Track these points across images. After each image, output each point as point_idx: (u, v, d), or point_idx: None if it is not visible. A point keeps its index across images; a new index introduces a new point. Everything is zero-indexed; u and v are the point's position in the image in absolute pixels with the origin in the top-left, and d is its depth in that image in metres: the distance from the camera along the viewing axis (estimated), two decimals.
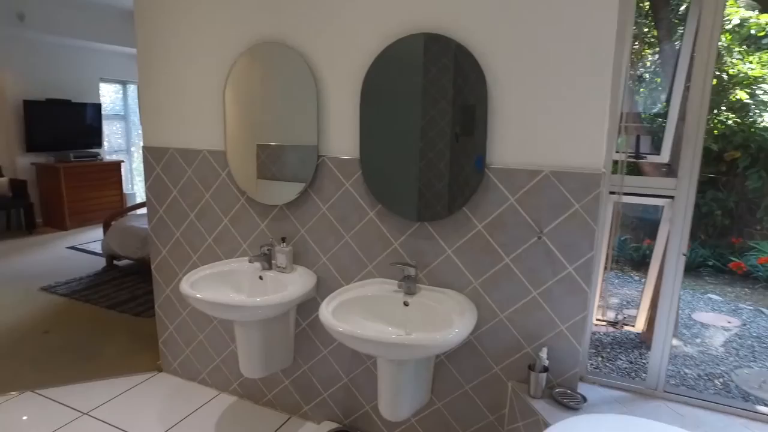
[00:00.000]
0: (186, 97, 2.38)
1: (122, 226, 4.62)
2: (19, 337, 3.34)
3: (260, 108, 2.18)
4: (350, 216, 2.10)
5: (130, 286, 4.30)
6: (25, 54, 6.30)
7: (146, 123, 2.53)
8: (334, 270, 2.19)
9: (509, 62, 1.74)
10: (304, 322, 2.32)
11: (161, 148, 2.50)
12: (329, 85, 2.05)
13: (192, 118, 2.39)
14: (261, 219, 2.30)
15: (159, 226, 2.61)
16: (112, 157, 7.47)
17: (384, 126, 1.95)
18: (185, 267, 2.58)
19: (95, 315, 3.73)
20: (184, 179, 2.46)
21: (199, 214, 2.46)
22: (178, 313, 2.69)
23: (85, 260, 5.11)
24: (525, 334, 1.88)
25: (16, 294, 4.15)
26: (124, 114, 7.90)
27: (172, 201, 2.53)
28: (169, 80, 2.41)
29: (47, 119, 6.49)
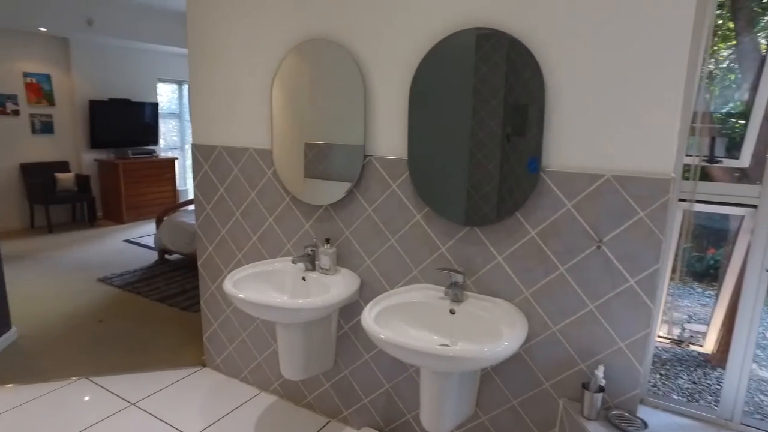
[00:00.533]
0: (234, 96, 2.39)
1: (173, 222, 4.75)
2: (76, 325, 3.48)
3: (307, 106, 2.15)
4: (396, 218, 2.03)
5: (179, 280, 4.42)
6: (92, 57, 6.62)
7: (195, 121, 2.56)
8: (378, 273, 2.12)
9: (570, 57, 1.62)
10: (347, 325, 2.27)
11: (209, 146, 2.52)
12: (377, 83, 1.98)
13: (239, 116, 2.39)
14: (305, 219, 2.27)
15: (206, 224, 2.64)
16: (167, 155, 7.74)
17: (433, 126, 1.87)
18: (230, 265, 2.59)
19: (146, 307, 3.84)
20: (230, 177, 2.47)
21: (245, 212, 2.46)
22: (222, 310, 2.71)
23: (139, 253, 5.30)
24: (579, 349, 1.75)
25: (77, 283, 4.34)
26: (179, 113, 8.17)
27: (218, 199, 2.55)
28: (218, 79, 2.42)
29: (109, 118, 6.79)
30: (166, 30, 6.76)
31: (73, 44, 6.43)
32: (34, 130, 6.31)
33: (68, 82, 6.53)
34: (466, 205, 1.86)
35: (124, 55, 7.00)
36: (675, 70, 1.48)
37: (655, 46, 1.49)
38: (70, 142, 6.67)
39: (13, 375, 2.83)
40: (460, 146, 1.83)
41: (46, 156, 6.45)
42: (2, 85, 5.97)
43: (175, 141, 8.15)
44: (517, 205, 1.77)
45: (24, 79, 6.13)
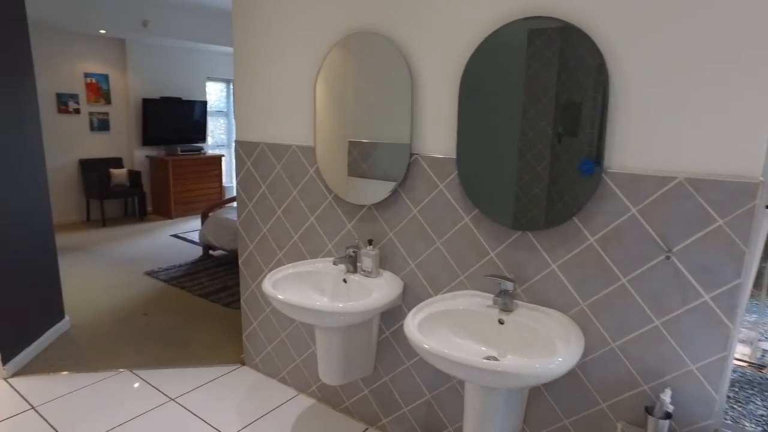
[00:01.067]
0: (277, 92, 2.34)
1: (218, 218, 4.81)
2: (123, 317, 3.56)
3: (351, 103, 2.08)
4: (443, 220, 1.93)
5: (222, 276, 4.46)
6: (146, 57, 6.84)
7: (239, 118, 2.54)
8: (422, 278, 2.03)
9: (640, 47, 1.47)
10: (388, 330, 2.18)
11: (252, 142, 2.49)
12: (425, 79, 1.88)
13: (282, 112, 2.34)
14: (348, 219, 2.20)
15: (247, 221, 2.62)
16: (214, 152, 7.90)
17: (485, 123, 1.75)
18: (270, 263, 2.55)
19: (189, 302, 3.89)
20: (272, 175, 2.43)
21: (286, 210, 2.42)
22: (262, 309, 2.68)
23: (185, 248, 5.40)
24: (642, 369, 1.59)
25: (126, 276, 4.46)
26: (227, 110, 8.33)
27: (260, 196, 2.51)
28: (262, 75, 2.39)
29: (160, 116, 6.99)
30: (215, 29, 6.89)
31: (129, 45, 6.66)
32: (92, 128, 6.57)
33: (124, 81, 6.76)
34: (518, 208, 1.73)
35: (176, 55, 7.19)
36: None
37: (746, 28, 1.32)
38: (124, 139, 6.91)
39: (66, 363, 2.90)
40: (513, 145, 1.71)
41: (102, 152, 6.70)
42: (65, 85, 6.24)
43: (222, 138, 8.31)
44: (574, 209, 1.63)
45: (85, 79, 6.39)
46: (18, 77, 2.92)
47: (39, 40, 5.93)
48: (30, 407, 2.49)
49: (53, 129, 6.22)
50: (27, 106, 3.00)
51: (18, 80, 2.92)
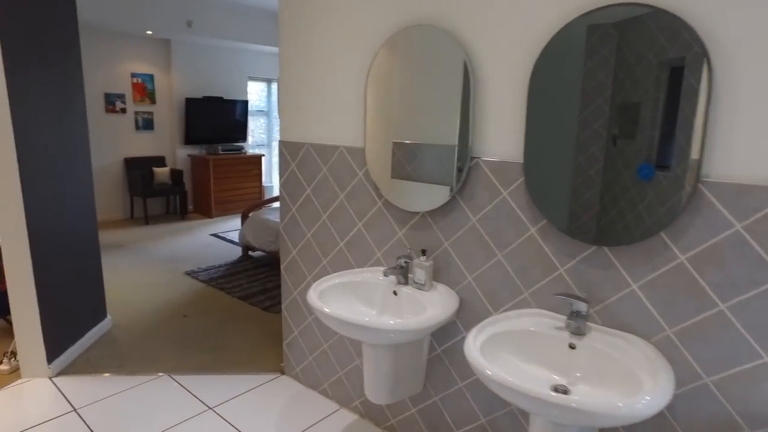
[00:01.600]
0: (325, 89, 2.22)
1: (257, 219, 4.75)
2: (163, 318, 3.52)
3: (404, 101, 1.93)
4: (505, 230, 1.75)
5: (261, 278, 4.39)
6: (189, 57, 6.90)
7: (284, 116, 2.43)
8: (480, 293, 1.85)
9: (750, 30, 1.26)
10: (440, 347, 2.02)
11: (297, 143, 2.37)
12: (489, 75, 1.71)
13: (330, 111, 2.22)
14: (399, 226, 2.05)
15: (291, 225, 2.50)
16: (255, 151, 7.91)
17: (560, 124, 1.57)
18: (314, 271, 2.43)
19: (228, 304, 3.83)
20: (318, 177, 2.31)
21: (332, 215, 2.29)
22: (304, 317, 2.56)
23: (225, 248, 5.38)
24: (745, 412, 1.37)
25: (166, 275, 4.45)
26: (267, 110, 8.33)
27: (305, 200, 2.40)
28: (309, 71, 2.27)
29: (202, 115, 7.04)
30: (258, 29, 6.88)
31: (174, 45, 6.72)
32: (137, 127, 6.66)
33: (168, 81, 6.84)
34: (595, 220, 1.54)
35: (218, 55, 7.22)
36: None
37: None
38: (167, 137, 6.99)
39: (107, 364, 2.87)
40: (589, 150, 1.52)
41: (146, 151, 6.79)
42: (113, 85, 6.35)
43: (262, 138, 8.32)
44: (662, 222, 1.42)
45: (131, 79, 6.49)
46: (68, 78, 2.90)
47: (89, 41, 6.05)
48: (72, 409, 2.45)
49: (101, 128, 6.33)
50: (76, 106, 2.99)
51: (68, 81, 2.90)
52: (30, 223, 2.54)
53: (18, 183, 2.47)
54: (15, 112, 2.42)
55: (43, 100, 2.66)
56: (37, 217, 2.61)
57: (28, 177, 2.53)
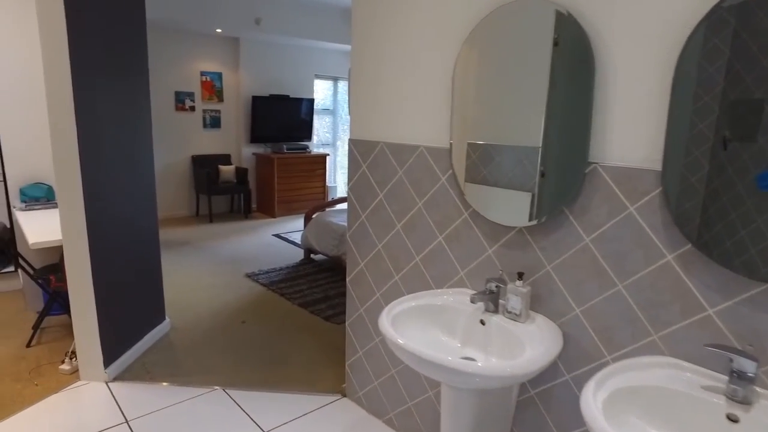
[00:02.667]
0: (404, 80, 1.93)
1: (321, 221, 4.55)
2: (221, 323, 3.38)
3: (501, 95, 1.60)
4: (630, 255, 1.39)
5: (323, 284, 4.18)
6: (257, 55, 6.86)
7: (355, 113, 2.16)
8: (591, 329, 1.50)
9: None
10: (534, 389, 1.68)
11: (369, 141, 2.10)
12: (617, 60, 1.36)
13: (409, 106, 1.93)
14: (489, 242, 1.73)
15: (359, 234, 2.24)
16: (320, 151, 7.79)
17: (716, 123, 1.19)
18: (384, 287, 2.15)
19: (288, 311, 3.64)
20: (393, 181, 2.03)
21: (408, 225, 2.00)
22: (370, 337, 2.29)
23: (286, 250, 5.24)
24: None
25: (226, 276, 4.35)
26: (333, 109, 8.20)
27: (377, 206, 2.12)
28: (385, 64, 1.99)
29: (269, 113, 6.99)
30: (326, 26, 6.74)
31: (242, 43, 6.70)
32: (205, 125, 6.70)
33: (235, 79, 6.83)
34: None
35: (285, 53, 7.15)
36: None
37: None
38: (233, 136, 6.99)
39: (163, 371, 2.74)
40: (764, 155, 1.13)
41: (213, 149, 6.82)
42: (183, 84, 6.41)
43: (327, 137, 8.20)
44: None
45: (200, 77, 6.53)
46: (135, 74, 2.79)
47: (162, 40, 6.12)
48: (124, 421, 2.31)
49: (171, 126, 6.41)
50: (140, 103, 2.88)
51: (135, 77, 2.80)
52: (90, 223, 2.43)
53: (79, 181, 2.36)
54: (79, 109, 2.32)
55: (107, 97, 2.55)
56: (97, 216, 2.50)
57: (90, 175, 2.42)
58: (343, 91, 8.20)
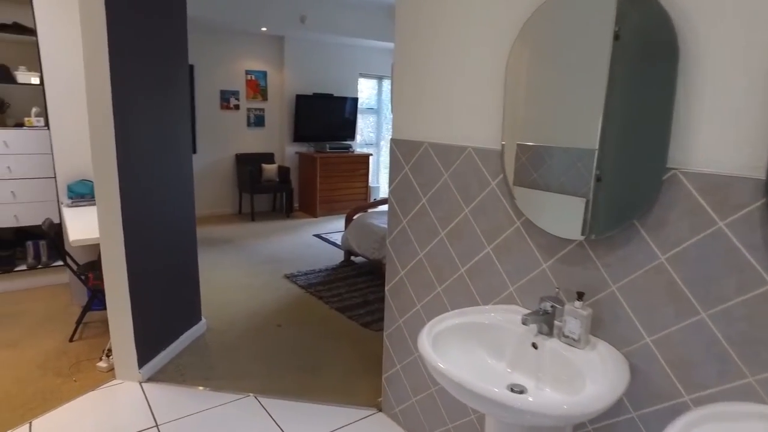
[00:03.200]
0: (451, 74, 1.76)
1: (362, 223, 4.43)
2: (257, 326, 3.31)
3: (561, 90, 1.41)
4: (718, 278, 1.17)
5: (362, 288, 4.06)
6: (301, 53, 6.84)
7: (398, 111, 2.02)
8: (665, 363, 1.29)
9: None
10: (592, 424, 1.48)
11: (412, 141, 1.95)
12: (709, 46, 1.14)
13: (457, 103, 1.76)
14: (544, 256, 1.54)
15: (400, 240, 2.09)
16: (363, 150, 7.70)
17: None
18: (425, 298, 1.99)
19: (325, 316, 3.53)
20: (437, 184, 1.86)
21: (453, 233, 1.83)
22: (409, 350, 2.13)
23: (326, 251, 5.16)
24: None
25: (265, 276, 4.30)
26: (377, 108, 8.09)
27: (419, 211, 1.96)
28: (431, 58, 1.83)
29: (312, 112, 6.95)
30: (371, 24, 6.63)
31: (287, 42, 6.69)
32: (249, 124, 6.73)
33: (280, 77, 6.83)
34: None
35: (330, 51, 7.09)
36: None
37: None
38: (276, 134, 6.99)
39: (196, 373, 2.69)
40: None
41: (256, 147, 6.85)
42: (228, 83, 6.46)
43: (371, 137, 8.10)
44: None
45: (245, 76, 6.56)
46: (174, 72, 2.75)
47: (207, 39, 6.18)
48: (154, 424, 2.26)
49: (216, 124, 6.47)
50: (182, 104, 2.84)
51: (174, 75, 2.76)
52: (126, 222, 2.39)
53: (116, 180, 2.32)
54: (117, 108, 2.28)
55: (146, 97, 2.52)
56: (134, 215, 2.46)
57: (127, 174, 2.38)
58: (388, 90, 8.08)
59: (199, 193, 6.43)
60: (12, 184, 3.72)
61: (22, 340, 3.06)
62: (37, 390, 2.52)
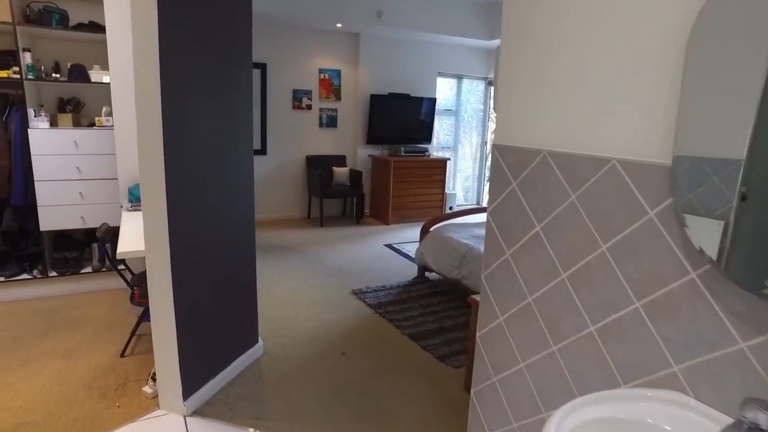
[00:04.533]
0: (590, 61, 1.25)
1: (439, 237, 3.95)
2: (318, 352, 2.94)
3: None
4: None
5: (438, 310, 3.58)
6: (377, 51, 6.48)
7: (505, 107, 1.53)
8: None
9: None
10: None
11: (526, 149, 1.45)
12: None
13: (596, 97, 1.24)
14: (742, 330, 0.99)
15: (500, 276, 1.60)
16: (439, 154, 7.22)
17: None
18: (533, 356, 1.49)
19: (395, 343, 3.09)
20: (559, 208, 1.36)
21: (580, 276, 1.32)
22: (506, 419, 1.64)
23: (398, 264, 4.73)
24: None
25: (331, 291, 3.94)
26: (455, 109, 7.57)
27: (530, 242, 1.47)
28: (558, 31, 1.33)
29: (387, 113, 6.56)
30: (452, 18, 6.15)
31: (362, 39, 6.35)
32: (321, 124, 6.46)
33: (354, 76, 6.51)
34: None
35: (407, 49, 6.68)
36: None
37: None
38: (349, 136, 6.68)
39: (247, 408, 2.35)
40: None
41: (327, 149, 6.57)
42: (301, 81, 6.23)
43: (447, 140, 7.59)
44: None
45: (319, 75, 6.30)
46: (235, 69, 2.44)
47: (280, 36, 5.97)
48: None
49: (287, 124, 6.26)
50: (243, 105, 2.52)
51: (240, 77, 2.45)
52: (174, 235, 2.09)
53: (163, 189, 2.02)
54: (167, 109, 1.98)
55: (201, 95, 2.21)
56: (183, 228, 2.16)
57: (175, 180, 2.08)
58: (467, 91, 7.54)
59: (267, 196, 6.24)
60: (80, 185, 3.62)
61: (78, 349, 2.89)
62: (79, 414, 2.29)
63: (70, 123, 3.69)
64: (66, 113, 3.74)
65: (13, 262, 3.64)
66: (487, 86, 7.60)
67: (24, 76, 3.39)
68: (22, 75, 3.37)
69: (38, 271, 3.66)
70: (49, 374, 2.62)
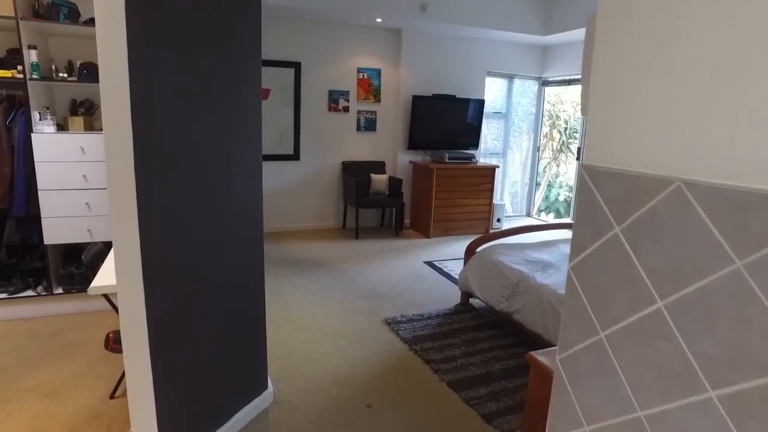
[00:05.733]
0: (740, 55, 0.69)
1: (487, 260, 3.38)
2: (340, 403, 2.44)
3: None
4: None
5: (485, 349, 3.02)
6: (421, 48, 5.96)
7: (603, 112, 0.97)
8: None
9: None
10: None
11: (644, 176, 0.89)
12: None
13: (757, 106, 0.68)
14: None
15: (587, 365, 1.04)
16: (486, 161, 6.61)
17: None
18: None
19: (432, 393, 2.56)
20: (709, 279, 0.79)
21: (746, 399, 0.75)
22: None
23: (438, 286, 4.17)
24: None
25: (360, 320, 3.44)
26: (506, 112, 6.93)
27: (643, 323, 0.90)
28: (679, 32, 0.77)
29: (430, 116, 6.03)
30: (503, 11, 5.55)
31: (404, 35, 5.85)
32: (359, 128, 6.00)
33: (395, 76, 6.01)
34: None
35: (453, 46, 6.12)
36: None
37: None
38: (389, 141, 6.18)
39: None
40: None
41: (365, 155, 6.10)
42: (338, 82, 5.79)
43: (495, 145, 6.97)
44: None
45: (357, 74, 5.84)
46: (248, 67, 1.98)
47: (316, 33, 5.56)
48: None
49: (322, 128, 5.83)
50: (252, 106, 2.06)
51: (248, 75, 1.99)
52: (148, 268, 1.65)
53: (134, 209, 1.59)
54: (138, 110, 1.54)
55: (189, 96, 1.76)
56: (163, 256, 1.71)
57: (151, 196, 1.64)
58: (519, 92, 6.89)
59: (299, 205, 5.84)
60: (87, 195, 3.29)
61: (65, 386, 2.52)
62: None
63: (82, 126, 3.38)
64: (78, 116, 3.44)
65: (18, 278, 3.36)
66: (540, 86, 6.93)
67: (28, 76, 3.09)
68: (24, 74, 3.07)
69: (43, 288, 3.36)
70: (25, 419, 2.25)
